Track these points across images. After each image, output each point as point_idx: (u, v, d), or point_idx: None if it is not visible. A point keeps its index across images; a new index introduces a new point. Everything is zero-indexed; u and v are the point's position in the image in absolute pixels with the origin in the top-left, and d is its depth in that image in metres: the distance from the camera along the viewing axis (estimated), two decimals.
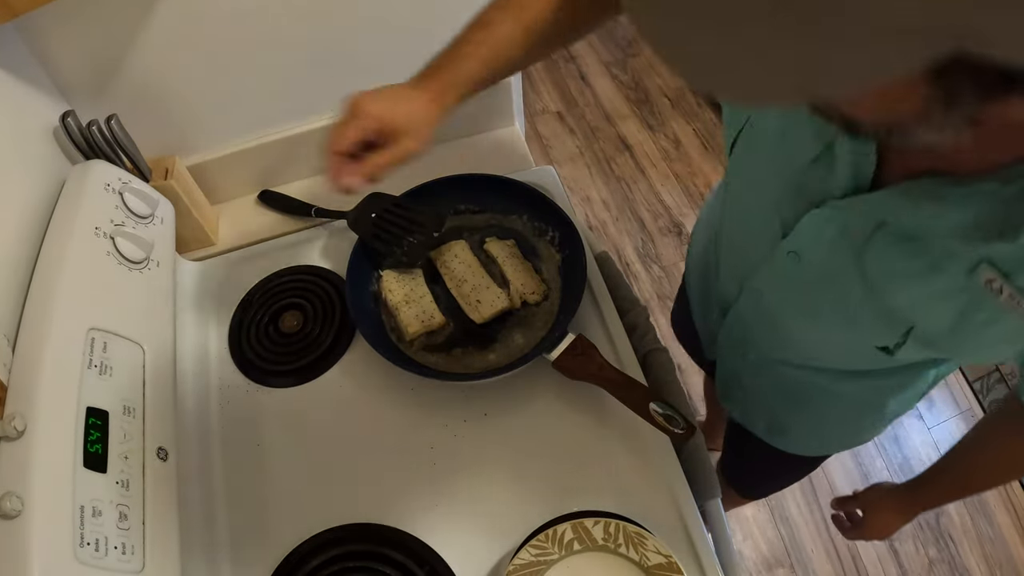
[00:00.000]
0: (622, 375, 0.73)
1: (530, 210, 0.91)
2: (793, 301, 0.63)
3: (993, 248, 0.43)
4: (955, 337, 0.49)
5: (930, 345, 0.52)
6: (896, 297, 0.50)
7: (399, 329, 0.83)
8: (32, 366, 0.60)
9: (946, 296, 0.47)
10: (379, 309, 0.86)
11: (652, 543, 0.66)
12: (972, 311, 0.47)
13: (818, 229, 0.54)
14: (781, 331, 0.69)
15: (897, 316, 0.52)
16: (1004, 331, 0.47)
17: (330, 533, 0.71)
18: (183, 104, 0.90)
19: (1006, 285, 0.44)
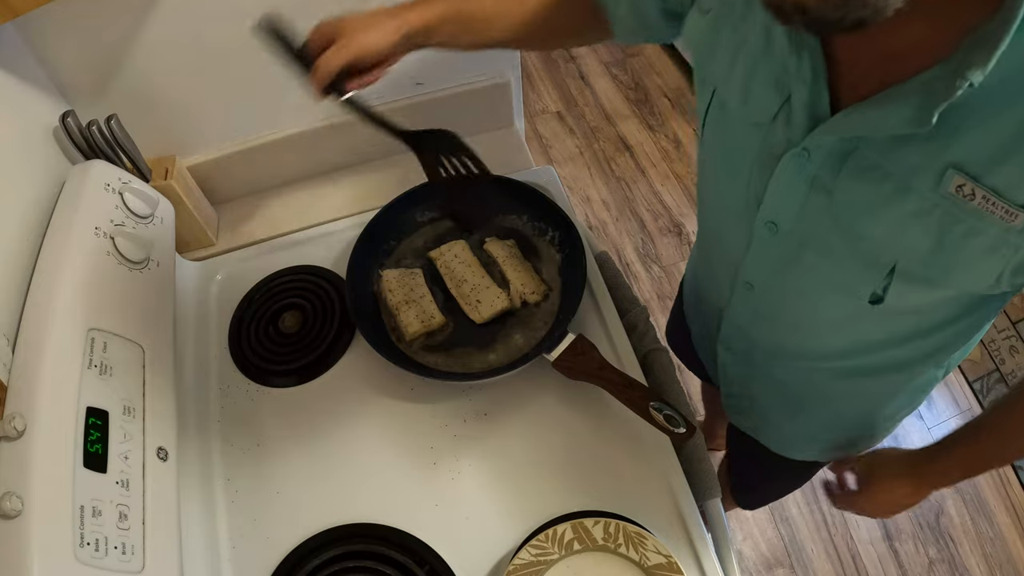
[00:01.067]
0: (622, 375, 0.73)
1: (530, 210, 0.91)
2: (781, 282, 0.62)
3: (956, 151, 0.43)
4: (938, 260, 0.48)
5: (916, 279, 0.51)
6: (872, 231, 0.50)
7: (399, 329, 0.83)
8: (32, 366, 0.60)
9: (919, 215, 0.46)
10: (379, 309, 0.86)
11: (652, 543, 0.66)
12: (949, 225, 0.46)
13: (788, 186, 0.53)
14: (778, 323, 0.69)
15: (878, 255, 0.51)
16: (986, 241, 0.45)
17: (330, 533, 0.71)
18: (183, 104, 0.90)
19: (977, 188, 0.43)
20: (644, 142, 2.31)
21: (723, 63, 0.55)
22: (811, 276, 0.59)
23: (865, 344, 0.65)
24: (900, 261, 0.50)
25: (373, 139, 1.03)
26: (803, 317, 0.65)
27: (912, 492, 0.72)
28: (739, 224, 0.61)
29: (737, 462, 1.10)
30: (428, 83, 0.99)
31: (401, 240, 0.92)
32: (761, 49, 0.51)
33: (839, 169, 0.49)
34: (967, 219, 0.45)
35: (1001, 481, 1.64)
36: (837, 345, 0.67)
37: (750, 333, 0.73)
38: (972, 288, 0.50)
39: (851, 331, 0.64)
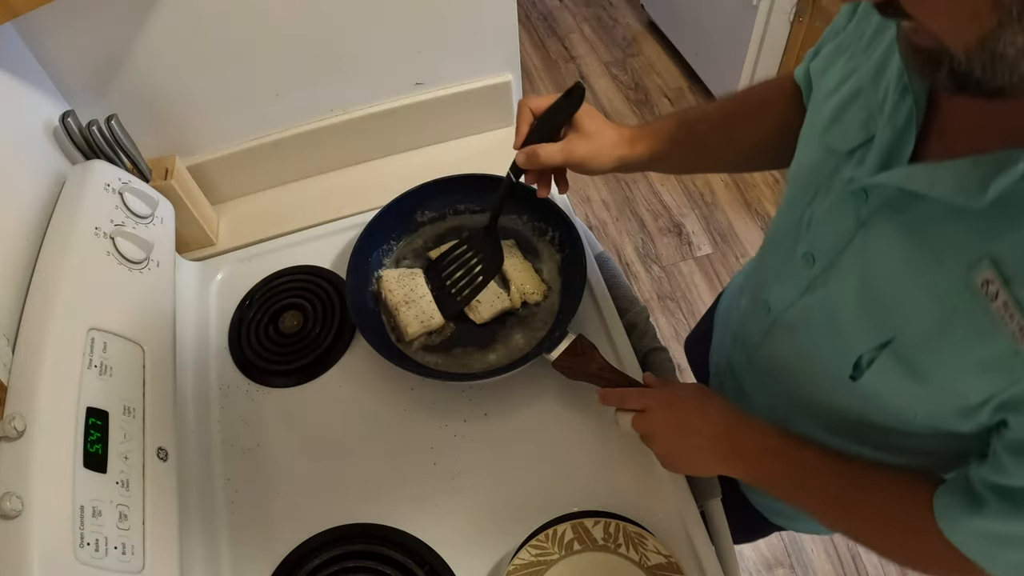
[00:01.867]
0: (622, 376, 0.73)
1: (530, 210, 0.91)
2: (792, 318, 0.60)
3: (1000, 244, 0.40)
4: (931, 350, 0.45)
5: (902, 363, 0.47)
6: (889, 290, 0.47)
7: (399, 329, 0.83)
8: (32, 366, 0.60)
9: (935, 293, 0.44)
10: (379, 309, 0.86)
11: (652, 543, 0.66)
12: (960, 318, 0.43)
13: (838, 223, 0.51)
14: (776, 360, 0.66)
15: (881, 316, 0.48)
16: (988, 353, 0.42)
17: (330, 533, 0.71)
18: (183, 104, 0.90)
19: (1003, 291, 0.39)
20: None
21: (831, 83, 0.55)
22: (815, 325, 0.57)
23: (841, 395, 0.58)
24: (897, 337, 0.47)
25: (373, 139, 1.04)
26: (797, 364, 0.63)
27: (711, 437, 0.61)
28: (786, 242, 0.60)
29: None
30: (428, 83, 0.99)
31: (401, 240, 0.92)
32: (869, 80, 0.51)
33: (890, 218, 0.47)
34: (979, 320, 0.41)
35: None
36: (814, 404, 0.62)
37: (753, 357, 0.71)
38: (952, 397, 0.46)
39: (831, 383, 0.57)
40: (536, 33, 2.71)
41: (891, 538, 0.55)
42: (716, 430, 0.62)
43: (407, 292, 0.84)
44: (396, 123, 1.01)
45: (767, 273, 0.66)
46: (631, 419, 0.67)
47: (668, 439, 0.64)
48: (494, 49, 0.99)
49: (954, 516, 0.48)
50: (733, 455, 0.61)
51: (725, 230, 2.06)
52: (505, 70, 1.02)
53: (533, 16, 2.77)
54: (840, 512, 0.58)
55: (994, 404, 0.43)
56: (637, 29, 2.68)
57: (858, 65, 0.53)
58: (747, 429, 0.61)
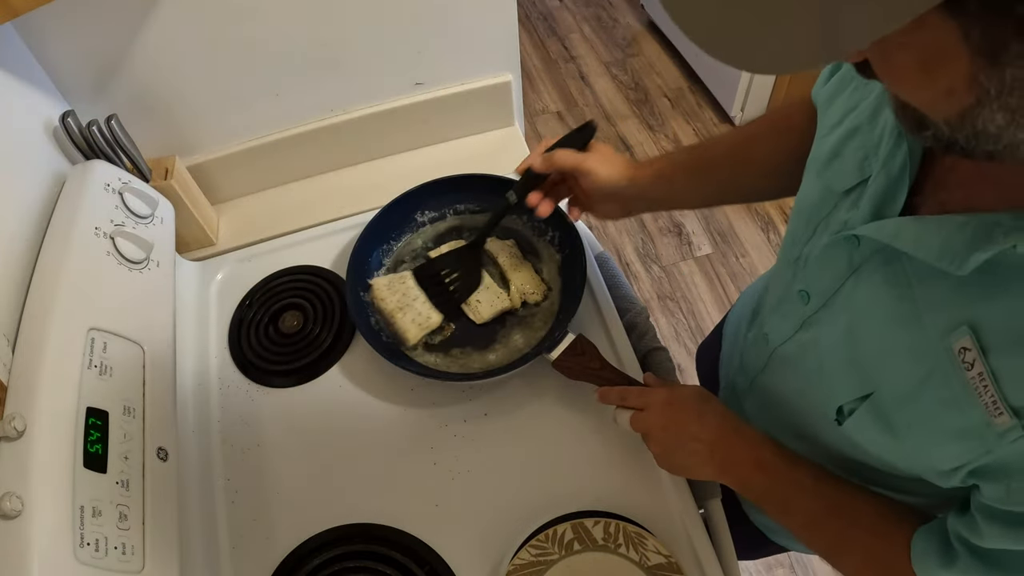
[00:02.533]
0: (622, 375, 0.73)
1: (529, 210, 0.91)
2: (786, 352, 0.60)
3: (981, 311, 0.39)
4: (907, 411, 0.45)
5: (880, 418, 0.47)
6: (870, 342, 0.47)
7: (398, 336, 0.82)
8: (32, 366, 0.60)
9: (915, 352, 0.43)
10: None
11: (652, 543, 0.66)
12: (935, 382, 0.42)
13: (831, 265, 0.51)
14: (769, 390, 0.66)
15: (863, 369, 0.48)
16: (961, 422, 0.41)
17: (330, 533, 0.71)
18: (183, 104, 0.90)
19: (979, 360, 0.39)
20: (644, 142, 2.31)
21: (834, 116, 0.54)
22: (805, 366, 0.56)
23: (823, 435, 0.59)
24: (877, 392, 0.47)
25: (373, 139, 1.04)
26: (790, 398, 0.63)
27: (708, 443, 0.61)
28: (784, 276, 0.59)
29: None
30: (428, 83, 0.99)
31: (401, 240, 0.92)
32: (866, 119, 0.50)
33: (880, 268, 0.46)
34: (954, 387, 0.41)
35: None
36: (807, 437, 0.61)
37: (754, 383, 0.71)
38: (925, 459, 0.46)
39: (820, 436, 0.59)
40: (536, 33, 2.71)
41: (866, 572, 0.55)
42: (712, 436, 0.61)
43: (399, 298, 0.84)
44: (396, 123, 1.01)
45: (768, 304, 0.65)
46: (629, 417, 0.67)
47: (665, 439, 0.64)
48: (494, 49, 0.99)
49: (928, 564, 0.48)
50: (726, 463, 0.61)
51: (725, 230, 2.06)
52: (505, 70, 1.02)
53: (533, 16, 2.77)
54: (820, 537, 0.58)
55: (966, 471, 0.43)
56: (637, 29, 2.68)
57: (860, 100, 0.51)
58: (742, 439, 0.61)
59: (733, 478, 0.61)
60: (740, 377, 0.76)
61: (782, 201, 2.11)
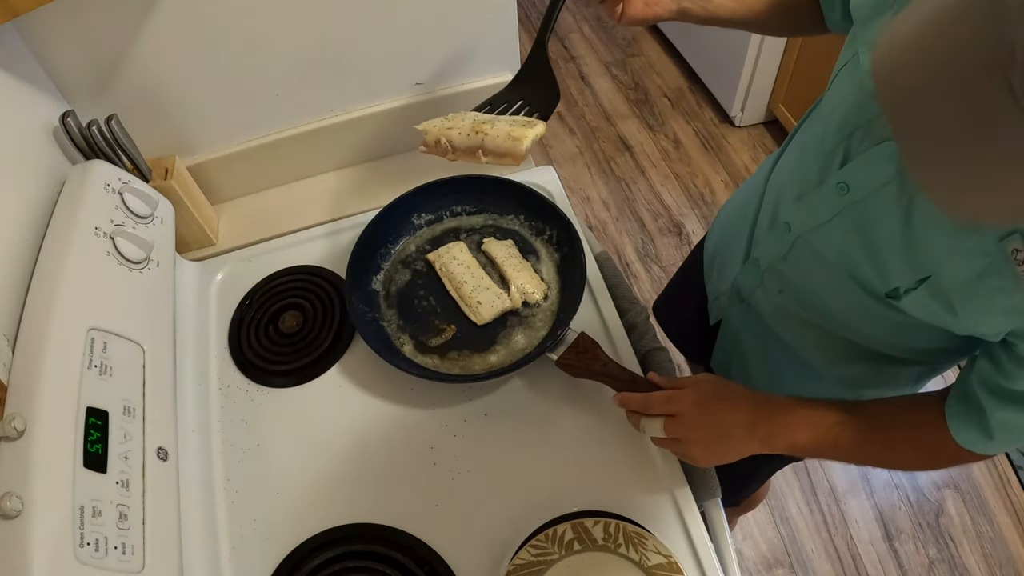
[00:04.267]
0: (626, 371, 0.73)
1: (527, 210, 0.92)
2: (818, 234, 0.65)
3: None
4: (965, 295, 0.52)
5: (938, 298, 0.54)
6: (930, 242, 0.53)
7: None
8: (32, 366, 0.60)
9: (973, 254, 0.50)
10: (378, 310, 0.86)
11: (652, 543, 0.66)
12: (990, 274, 0.49)
13: (878, 165, 0.56)
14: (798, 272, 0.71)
15: (921, 261, 0.54)
16: (1010, 303, 0.50)
17: (330, 533, 0.71)
18: (183, 104, 0.90)
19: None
20: (644, 142, 2.31)
21: (876, 31, 0.57)
22: (849, 247, 0.61)
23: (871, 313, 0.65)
24: (935, 277, 0.53)
25: (373, 139, 1.04)
26: (818, 278, 0.68)
27: (748, 426, 0.64)
28: (814, 168, 0.64)
29: None
30: (428, 83, 0.99)
31: (399, 243, 0.92)
32: None
33: None
34: (1007, 278, 0.49)
35: (1001, 481, 1.64)
36: (845, 315, 0.69)
37: (766, 274, 0.76)
38: (977, 327, 0.54)
39: (863, 305, 0.65)
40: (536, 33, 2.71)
41: (916, 457, 0.64)
42: (750, 418, 0.65)
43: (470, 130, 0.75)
44: (396, 123, 1.01)
45: (784, 196, 0.70)
46: (662, 424, 0.66)
47: (707, 439, 0.66)
48: (494, 49, 0.99)
49: (961, 423, 0.58)
50: (770, 436, 0.65)
51: None
52: (505, 70, 1.02)
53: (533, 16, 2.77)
54: (869, 452, 0.65)
55: (1019, 333, 0.52)
56: (637, 29, 2.68)
57: None
58: (775, 408, 0.65)
59: (780, 445, 0.65)
60: (747, 274, 0.80)
61: None
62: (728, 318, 0.88)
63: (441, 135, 0.70)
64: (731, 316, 0.88)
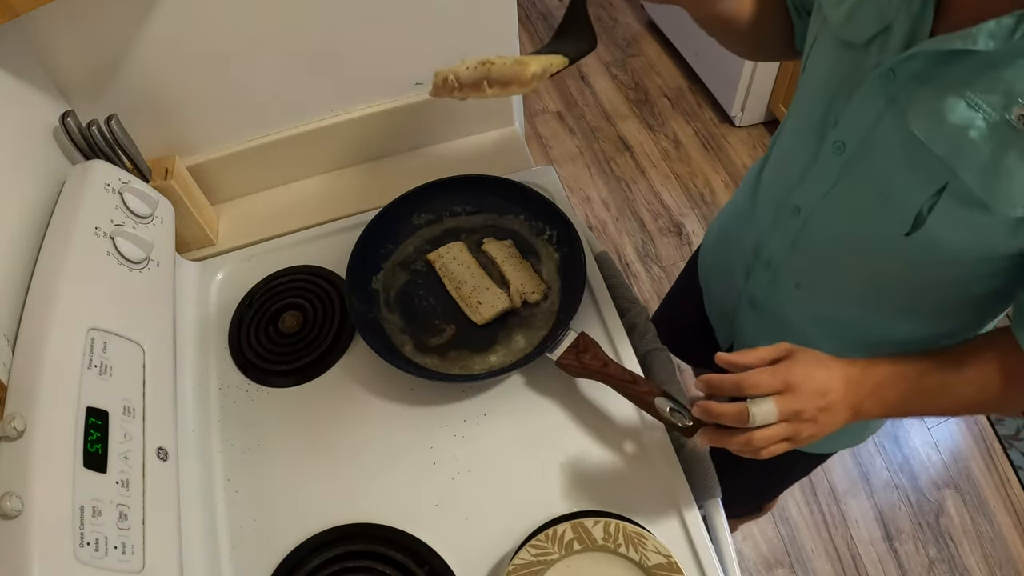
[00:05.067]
0: (626, 371, 0.73)
1: (527, 209, 0.92)
2: (827, 208, 0.66)
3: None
4: (987, 179, 0.52)
5: (964, 199, 0.54)
6: (937, 143, 0.53)
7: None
8: (32, 366, 0.60)
9: (983, 133, 0.51)
10: (378, 310, 0.86)
11: (652, 543, 0.66)
12: (1007, 146, 0.50)
13: (866, 104, 0.58)
14: (812, 257, 0.72)
15: (933, 169, 0.54)
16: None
17: (330, 533, 0.71)
18: (183, 104, 0.90)
19: None
20: (644, 142, 2.31)
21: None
22: (860, 200, 0.63)
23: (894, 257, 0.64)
24: (953, 180, 0.54)
25: (373, 139, 1.04)
26: (836, 251, 0.69)
27: (843, 392, 0.59)
28: (807, 144, 0.67)
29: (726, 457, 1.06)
30: (428, 83, 0.99)
31: (399, 243, 0.92)
32: None
33: (918, 89, 0.54)
34: (1021, 146, 0.50)
35: (1001, 481, 1.64)
36: (859, 286, 0.70)
37: (780, 271, 0.76)
38: (1016, 208, 0.52)
39: (876, 270, 0.66)
40: (536, 33, 2.71)
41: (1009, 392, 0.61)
42: (844, 384, 0.59)
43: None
44: (396, 123, 1.01)
45: (786, 182, 0.72)
46: (774, 404, 0.56)
47: (817, 415, 0.58)
48: (494, 49, 0.98)
49: None
50: (861, 401, 0.60)
51: None
52: None
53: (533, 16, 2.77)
54: (962, 395, 0.62)
55: None
56: (637, 29, 2.68)
57: None
58: (861, 369, 0.61)
59: (872, 408, 0.61)
60: (758, 276, 0.79)
61: None
62: (742, 330, 0.87)
63: (449, 72, 0.67)
64: (744, 327, 0.86)
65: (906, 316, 0.70)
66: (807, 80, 0.68)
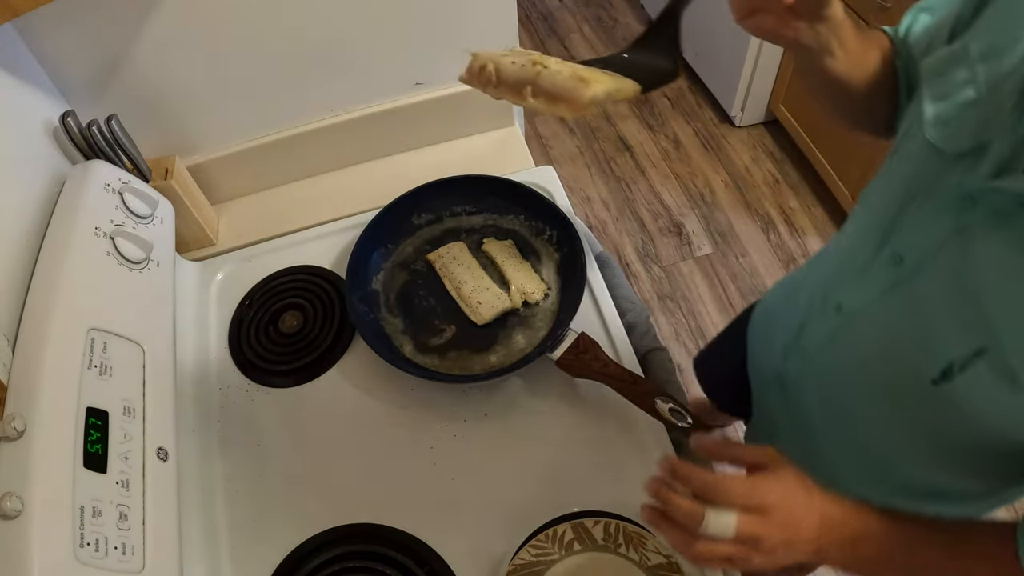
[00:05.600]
0: (626, 371, 0.73)
1: (527, 210, 0.92)
2: (868, 319, 0.60)
3: None
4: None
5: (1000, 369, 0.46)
6: (992, 298, 0.47)
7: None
8: (32, 366, 0.60)
9: None
10: (378, 310, 0.86)
11: (652, 543, 0.66)
12: None
13: (936, 226, 0.51)
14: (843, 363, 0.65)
15: (979, 322, 0.47)
16: None
17: (330, 533, 0.71)
18: (183, 104, 0.90)
19: None
20: (644, 142, 2.31)
21: (946, 85, 0.53)
22: (898, 325, 0.56)
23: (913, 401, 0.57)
24: (994, 346, 0.47)
25: (373, 139, 1.04)
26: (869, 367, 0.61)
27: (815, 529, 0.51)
28: (869, 242, 0.59)
29: None
30: (428, 83, 0.99)
31: (399, 243, 0.92)
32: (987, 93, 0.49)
33: (995, 228, 0.47)
34: None
35: None
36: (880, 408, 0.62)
37: (812, 362, 0.70)
38: None
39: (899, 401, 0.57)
40: (536, 33, 2.71)
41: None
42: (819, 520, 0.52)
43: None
44: (396, 123, 1.01)
45: (839, 274, 0.65)
46: (735, 520, 0.50)
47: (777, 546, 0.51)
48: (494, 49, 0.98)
49: None
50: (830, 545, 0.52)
51: (725, 230, 2.06)
52: None
53: (533, 16, 2.77)
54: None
55: None
56: (637, 29, 2.68)
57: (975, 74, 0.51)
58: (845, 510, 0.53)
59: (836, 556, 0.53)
60: (793, 360, 0.73)
61: (782, 201, 2.10)
62: (764, 406, 0.82)
63: (490, 60, 0.56)
64: (768, 403, 0.82)
65: (924, 457, 0.62)
66: (890, 170, 0.60)
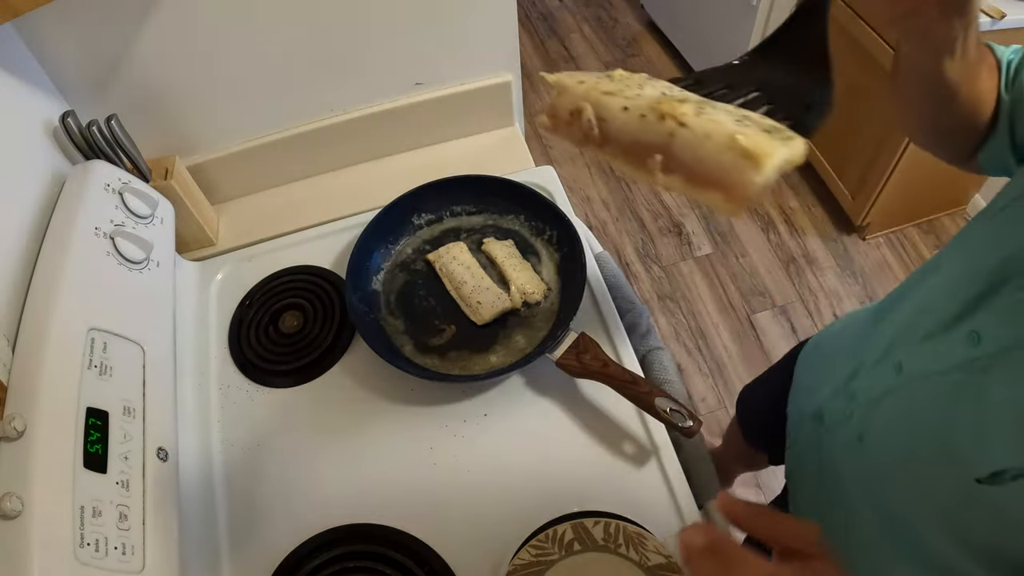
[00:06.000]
0: (626, 371, 0.73)
1: (527, 210, 0.92)
2: (928, 389, 0.55)
3: None
4: None
5: None
6: None
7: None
8: (32, 366, 0.60)
9: None
10: (378, 310, 0.86)
11: (652, 543, 0.66)
12: None
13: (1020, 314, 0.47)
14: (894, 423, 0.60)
15: None
16: None
17: (330, 533, 0.70)
18: (183, 104, 0.90)
19: None
20: None
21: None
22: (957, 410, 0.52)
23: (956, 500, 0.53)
24: None
25: (373, 139, 1.04)
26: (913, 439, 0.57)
27: None
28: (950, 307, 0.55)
29: None
30: (428, 83, 0.99)
31: (399, 243, 0.92)
32: None
33: None
34: None
35: None
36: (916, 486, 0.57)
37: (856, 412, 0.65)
38: None
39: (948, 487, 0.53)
40: (536, 33, 2.71)
41: None
42: None
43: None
44: (396, 123, 1.01)
45: (909, 330, 0.60)
46: None
47: None
48: (494, 49, 0.99)
49: None
50: None
51: (725, 230, 2.06)
52: (505, 70, 1.02)
53: (533, 16, 2.77)
54: None
55: None
56: (637, 29, 2.68)
57: None
58: None
59: None
60: (838, 401, 0.69)
61: (782, 201, 2.10)
62: (798, 440, 0.78)
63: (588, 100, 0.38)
64: (802, 439, 0.77)
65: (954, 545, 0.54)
66: (995, 231, 0.54)
